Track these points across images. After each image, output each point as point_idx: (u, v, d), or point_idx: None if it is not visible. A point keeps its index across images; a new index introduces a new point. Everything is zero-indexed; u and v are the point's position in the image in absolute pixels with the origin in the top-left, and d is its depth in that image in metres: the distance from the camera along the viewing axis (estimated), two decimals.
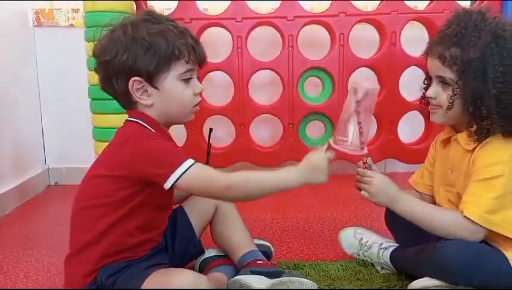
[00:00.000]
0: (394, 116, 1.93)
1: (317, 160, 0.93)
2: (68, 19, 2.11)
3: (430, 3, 1.92)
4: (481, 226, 0.92)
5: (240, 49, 1.86)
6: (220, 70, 1.92)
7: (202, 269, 1.13)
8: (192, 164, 0.86)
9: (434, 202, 1.11)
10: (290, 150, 1.93)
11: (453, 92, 0.96)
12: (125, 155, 0.89)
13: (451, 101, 0.97)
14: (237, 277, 1.02)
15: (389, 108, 1.90)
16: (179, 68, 0.91)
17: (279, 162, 1.96)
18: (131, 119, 0.95)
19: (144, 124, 0.93)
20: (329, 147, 0.96)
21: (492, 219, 0.92)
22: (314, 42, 2.05)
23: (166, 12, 1.98)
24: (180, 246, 1.08)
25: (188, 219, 1.10)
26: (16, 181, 1.87)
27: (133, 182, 0.89)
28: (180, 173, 0.85)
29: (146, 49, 0.88)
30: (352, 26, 1.87)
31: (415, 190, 1.18)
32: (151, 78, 0.90)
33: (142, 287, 0.84)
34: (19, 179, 1.89)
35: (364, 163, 1.04)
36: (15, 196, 1.83)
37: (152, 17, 0.92)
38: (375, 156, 1.96)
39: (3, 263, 1.30)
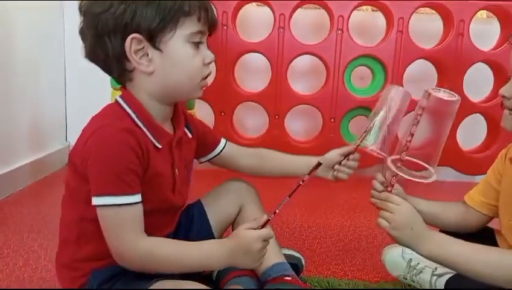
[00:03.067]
0: (454, 119, 1.69)
1: (249, 241, 0.76)
2: None
3: None
4: None
5: (281, 29, 1.71)
6: (257, 52, 1.78)
7: (220, 279, 0.99)
8: (127, 204, 0.71)
9: (484, 219, 0.96)
10: (330, 147, 1.74)
11: None
12: (80, 144, 0.74)
13: None
14: None
15: None
16: (188, 27, 0.74)
17: None
18: (119, 100, 0.78)
19: (129, 112, 0.76)
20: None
21: None
22: (367, 27, 1.87)
23: None
24: None
25: (205, 216, 0.97)
26: (33, 156, 1.79)
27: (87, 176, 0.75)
28: (110, 203, 0.71)
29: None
30: (414, 11, 1.68)
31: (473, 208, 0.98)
32: (153, 38, 0.73)
33: None
34: (36, 154, 1.82)
35: (391, 185, 0.83)
36: (30, 172, 1.75)
37: None
38: None
39: (4, 245, 1.21)
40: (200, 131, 0.94)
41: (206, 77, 0.80)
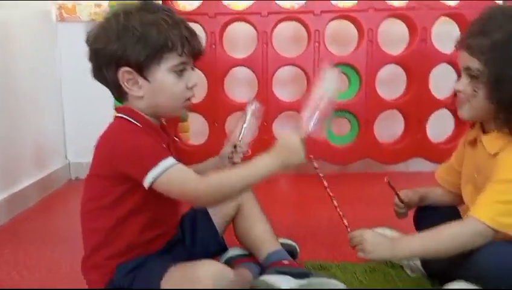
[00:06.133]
0: (423, 115, 1.88)
1: (289, 140, 0.88)
2: (91, 13, 2.10)
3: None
4: (490, 228, 0.87)
5: (264, 45, 1.83)
6: (244, 66, 1.90)
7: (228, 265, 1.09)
8: (172, 164, 0.83)
9: (459, 200, 1.09)
10: (317, 146, 1.86)
11: (478, 81, 0.92)
12: (106, 153, 0.87)
13: (474, 89, 0.92)
14: (263, 277, 0.98)
15: (417, 106, 1.86)
16: (171, 60, 0.87)
17: None
18: (119, 115, 0.91)
19: (130, 120, 0.89)
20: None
21: (504, 221, 0.87)
22: (341, 38, 2.01)
23: (190, 7, 1.96)
24: (202, 243, 1.06)
25: (208, 215, 1.07)
26: (37, 175, 1.86)
27: (120, 180, 0.86)
28: (159, 172, 0.82)
29: (137, 39, 0.84)
30: (381, 22, 1.82)
31: (440, 185, 1.14)
32: (141, 69, 0.86)
33: (163, 282, 0.82)
34: (40, 173, 1.89)
35: (347, 227, 0.99)
36: (36, 190, 1.82)
37: (147, 7, 0.89)
38: (402, 154, 1.93)
39: (26, 257, 1.28)
40: None
41: (189, 98, 0.93)
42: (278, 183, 2.12)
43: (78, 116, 2.17)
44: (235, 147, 1.06)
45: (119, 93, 0.91)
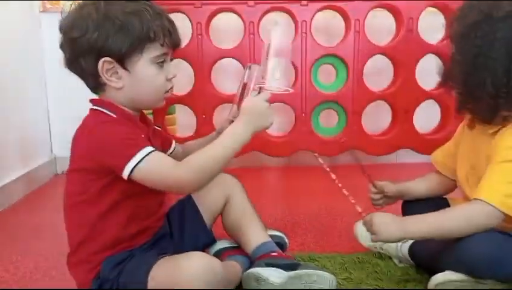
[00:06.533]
0: (410, 105, 1.89)
1: (254, 105, 0.88)
2: (74, 4, 2.05)
3: None
4: (499, 210, 0.87)
5: (252, 35, 1.82)
6: (231, 58, 1.88)
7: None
8: (149, 153, 0.81)
9: (450, 185, 1.10)
10: (303, 139, 1.89)
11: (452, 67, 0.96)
12: (84, 146, 0.85)
13: (443, 75, 0.98)
14: (252, 270, 0.98)
15: (404, 97, 1.87)
16: (153, 51, 0.86)
17: (291, 152, 1.92)
18: (94, 108, 0.89)
19: (105, 111, 0.87)
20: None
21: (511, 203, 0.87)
22: (328, 29, 2.01)
23: None
24: (190, 235, 1.05)
25: (196, 208, 1.07)
26: (23, 170, 1.84)
27: (101, 173, 0.84)
28: (136, 162, 0.80)
29: (119, 28, 0.82)
30: (368, 12, 1.82)
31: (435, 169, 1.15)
32: (122, 60, 0.84)
33: (151, 274, 0.82)
34: (25, 168, 1.87)
35: (361, 213, 1.02)
36: (22, 186, 1.81)
37: None
38: (389, 146, 1.94)
39: (12, 253, 1.27)
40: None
41: (169, 90, 0.92)
42: (267, 175, 2.12)
43: (63, 109, 2.14)
44: (232, 122, 1.02)
45: (96, 84, 0.88)
